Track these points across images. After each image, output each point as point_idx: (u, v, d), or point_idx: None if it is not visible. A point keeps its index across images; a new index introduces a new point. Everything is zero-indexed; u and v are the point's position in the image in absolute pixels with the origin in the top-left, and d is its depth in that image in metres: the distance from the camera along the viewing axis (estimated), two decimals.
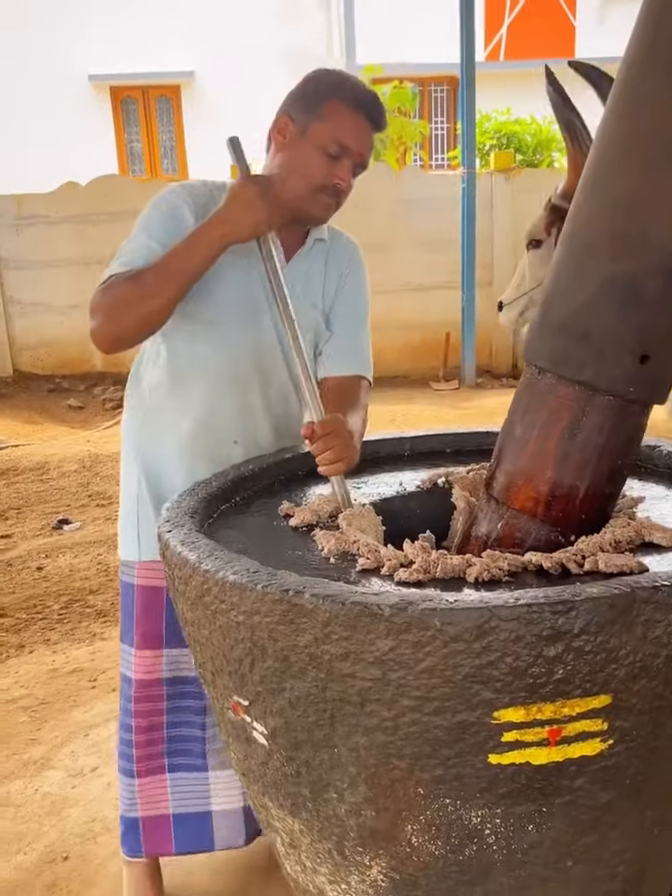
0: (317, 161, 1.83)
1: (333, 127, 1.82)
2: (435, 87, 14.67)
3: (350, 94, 1.84)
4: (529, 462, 1.48)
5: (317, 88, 1.86)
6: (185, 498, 1.66)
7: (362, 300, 2.11)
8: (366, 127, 1.86)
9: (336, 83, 1.86)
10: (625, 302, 1.37)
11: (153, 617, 2.02)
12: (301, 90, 1.88)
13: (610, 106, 1.42)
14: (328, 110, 1.83)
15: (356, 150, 1.85)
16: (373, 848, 1.35)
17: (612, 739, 1.21)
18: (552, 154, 9.96)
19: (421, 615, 1.14)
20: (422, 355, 8.59)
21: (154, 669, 2.04)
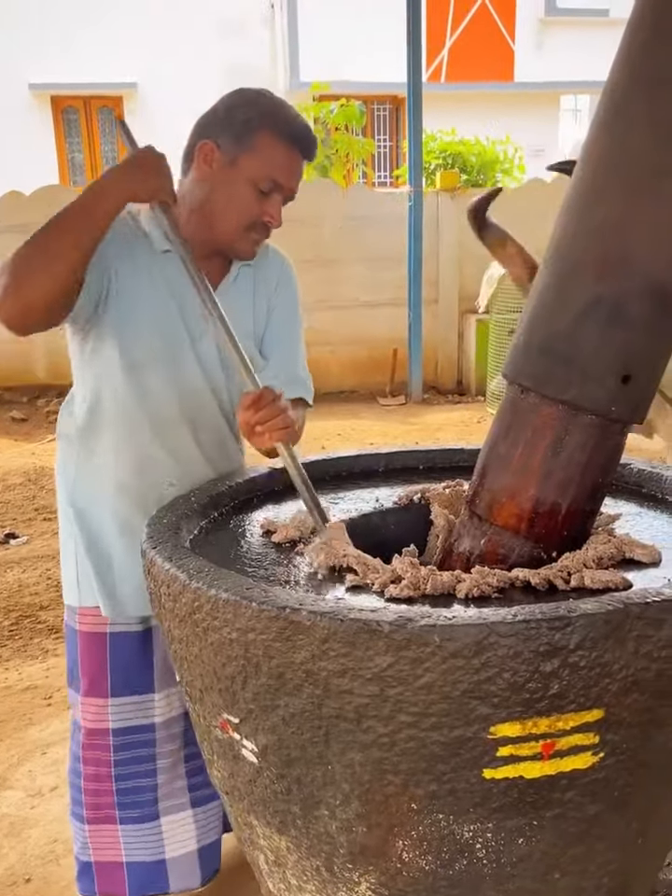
0: (248, 197, 1.74)
1: (266, 162, 1.73)
2: (378, 105, 14.81)
3: (285, 127, 1.74)
4: (512, 479, 1.50)
5: (248, 116, 1.73)
6: (165, 514, 1.65)
7: (295, 317, 2.01)
8: (299, 160, 1.78)
9: (269, 112, 1.75)
10: (609, 324, 1.40)
11: (96, 665, 1.95)
12: (229, 115, 1.75)
13: (594, 130, 1.45)
14: (260, 143, 1.72)
15: (287, 188, 1.77)
16: (363, 864, 1.35)
17: (603, 752, 1.23)
18: (496, 175, 10.13)
19: (421, 631, 1.15)
20: (369, 370, 8.63)
21: (101, 719, 1.96)
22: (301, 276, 1.91)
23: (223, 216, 1.76)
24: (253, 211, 1.75)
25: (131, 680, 1.94)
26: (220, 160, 1.74)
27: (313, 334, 8.97)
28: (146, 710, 1.96)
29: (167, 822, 2.02)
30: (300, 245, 8.45)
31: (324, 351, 8.66)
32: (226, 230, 1.77)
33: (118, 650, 1.93)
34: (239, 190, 1.74)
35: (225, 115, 1.75)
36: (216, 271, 1.86)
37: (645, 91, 1.37)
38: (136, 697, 1.95)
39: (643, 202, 1.38)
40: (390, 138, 15.08)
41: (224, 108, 1.77)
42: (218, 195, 1.76)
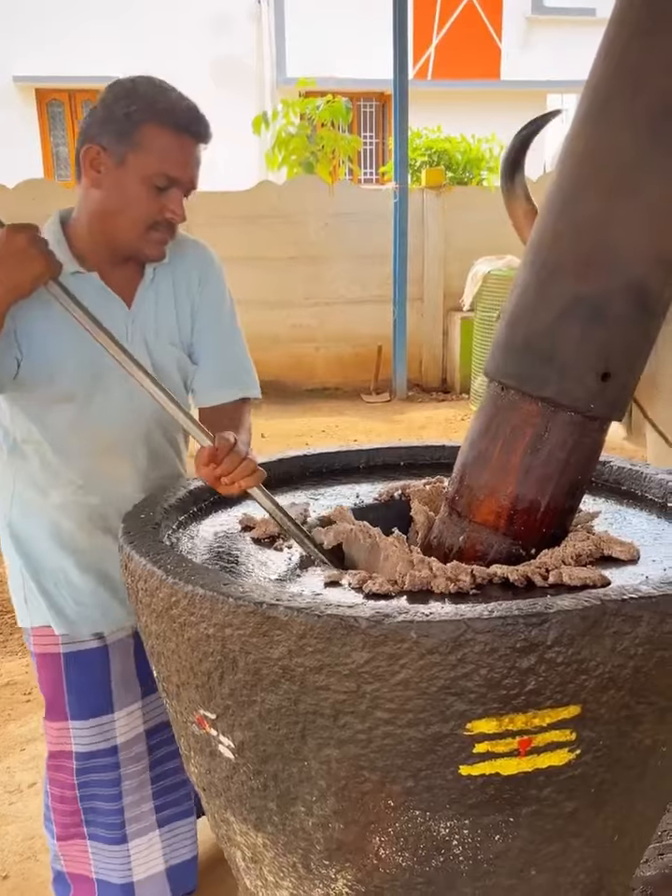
0: (144, 197, 1.63)
1: (155, 158, 1.61)
2: (364, 102, 14.80)
3: (168, 116, 1.62)
4: (492, 476, 1.50)
5: (127, 110, 1.60)
6: (143, 509, 1.64)
7: (225, 312, 1.89)
8: (192, 148, 1.66)
9: (148, 102, 1.61)
10: (589, 322, 1.40)
11: (52, 687, 1.88)
12: (108, 111, 1.62)
13: (574, 127, 1.45)
14: (146, 137, 1.60)
15: (185, 178, 1.66)
16: (340, 861, 1.35)
17: (580, 749, 1.24)
18: (481, 173, 10.14)
19: (397, 627, 1.15)
20: (354, 367, 8.63)
21: (63, 741, 1.90)
22: (285, 273, 1.88)
23: (121, 220, 1.65)
24: (151, 210, 1.64)
25: (88, 701, 1.88)
26: (107, 162, 1.62)
27: (297, 331, 8.98)
28: (106, 733, 1.90)
29: (134, 846, 1.97)
30: (284, 242, 8.50)
31: (308, 348, 8.66)
32: (127, 234, 1.67)
33: (73, 670, 1.86)
34: (132, 191, 1.63)
35: (105, 112, 1.63)
36: (129, 277, 1.76)
37: (625, 88, 1.37)
38: (96, 720, 1.89)
39: (623, 200, 1.38)
40: (376, 135, 15.07)
41: (103, 105, 1.64)
42: (112, 199, 1.64)
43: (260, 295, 8.39)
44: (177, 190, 1.65)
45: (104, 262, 1.72)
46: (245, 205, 8.23)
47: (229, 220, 8.22)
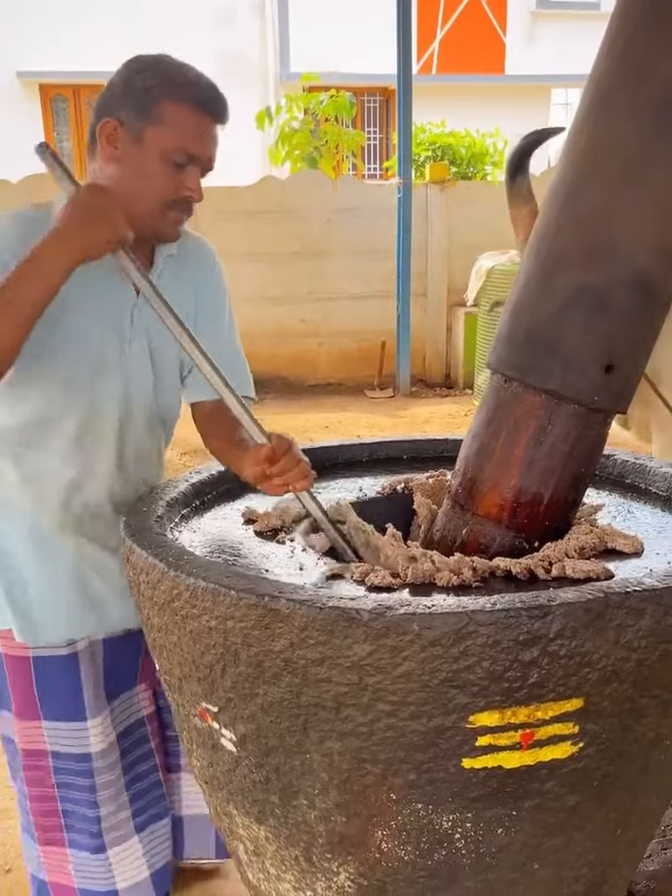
0: (162, 173, 1.58)
1: (175, 133, 1.57)
2: (368, 97, 14.77)
3: (189, 92, 1.57)
4: (495, 469, 1.50)
5: (147, 84, 1.56)
6: (146, 502, 1.64)
7: (226, 311, 1.87)
8: (210, 126, 1.62)
9: (169, 77, 1.57)
10: (593, 313, 1.39)
11: (23, 688, 1.80)
12: (127, 85, 1.57)
13: (578, 120, 1.45)
14: (165, 112, 1.55)
15: (204, 156, 1.61)
16: (342, 854, 1.34)
17: (583, 742, 1.23)
18: (485, 167, 10.11)
19: (399, 620, 1.15)
20: (357, 363, 8.61)
21: (37, 740, 1.83)
22: (288, 268, 1.84)
23: (139, 197, 1.59)
24: (170, 187, 1.59)
25: (60, 706, 1.80)
26: (125, 137, 1.57)
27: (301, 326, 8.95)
28: (80, 739, 1.82)
29: (114, 854, 1.91)
30: (287, 237, 8.48)
31: (312, 343, 8.64)
32: (144, 211, 1.60)
33: (43, 674, 1.78)
34: (151, 167, 1.57)
35: (123, 86, 1.57)
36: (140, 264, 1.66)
37: (628, 80, 1.37)
38: (68, 724, 1.81)
39: (627, 191, 1.38)
40: (380, 130, 15.04)
41: (122, 79, 1.58)
42: (130, 176, 1.58)
43: (263, 290, 8.38)
44: (195, 168, 1.61)
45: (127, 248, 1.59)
46: (249, 201, 8.22)
47: (232, 216, 8.20)
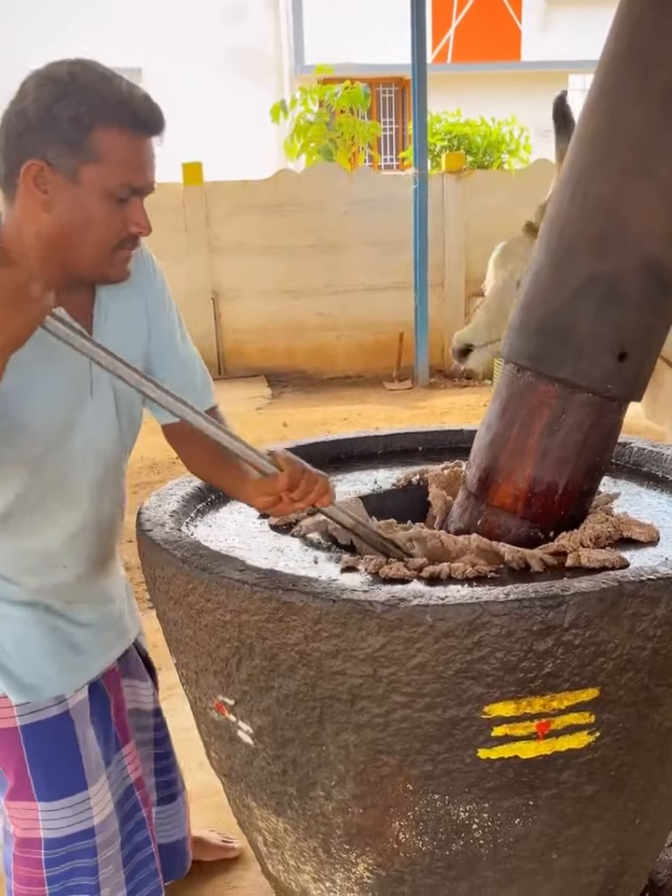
0: (106, 214, 1.37)
1: (116, 168, 1.35)
2: (383, 88, 14.71)
3: (124, 114, 1.34)
4: (509, 459, 1.49)
5: (73, 113, 1.32)
6: (163, 498, 1.65)
7: (175, 320, 1.66)
8: (150, 146, 1.40)
9: (98, 100, 1.33)
10: (605, 301, 1.39)
11: (14, 764, 1.58)
12: (49, 117, 1.32)
13: (588, 107, 1.44)
14: (101, 145, 1.33)
15: (147, 185, 1.41)
16: (360, 846, 1.35)
17: (599, 732, 1.23)
18: (501, 156, 10.04)
19: (413, 611, 1.15)
20: (375, 355, 8.59)
21: (32, 826, 1.61)
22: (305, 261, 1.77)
23: (83, 244, 1.39)
24: (116, 227, 1.39)
25: (58, 778, 1.59)
26: (55, 179, 1.34)
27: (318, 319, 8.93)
28: (81, 814, 1.61)
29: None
30: (304, 230, 8.47)
31: (329, 336, 8.64)
32: (92, 258, 1.41)
33: (35, 744, 1.57)
34: (93, 210, 1.37)
35: (44, 117, 1.33)
36: (82, 302, 1.50)
37: (638, 66, 1.36)
38: (69, 800, 1.60)
39: (638, 178, 1.37)
40: (396, 121, 14.98)
41: (40, 109, 1.33)
42: (68, 222, 1.37)
43: (280, 284, 8.39)
44: (139, 199, 1.41)
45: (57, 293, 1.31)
46: (265, 194, 8.22)
47: (248, 209, 8.21)
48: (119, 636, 1.68)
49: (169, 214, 8.19)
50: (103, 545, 1.61)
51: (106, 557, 1.64)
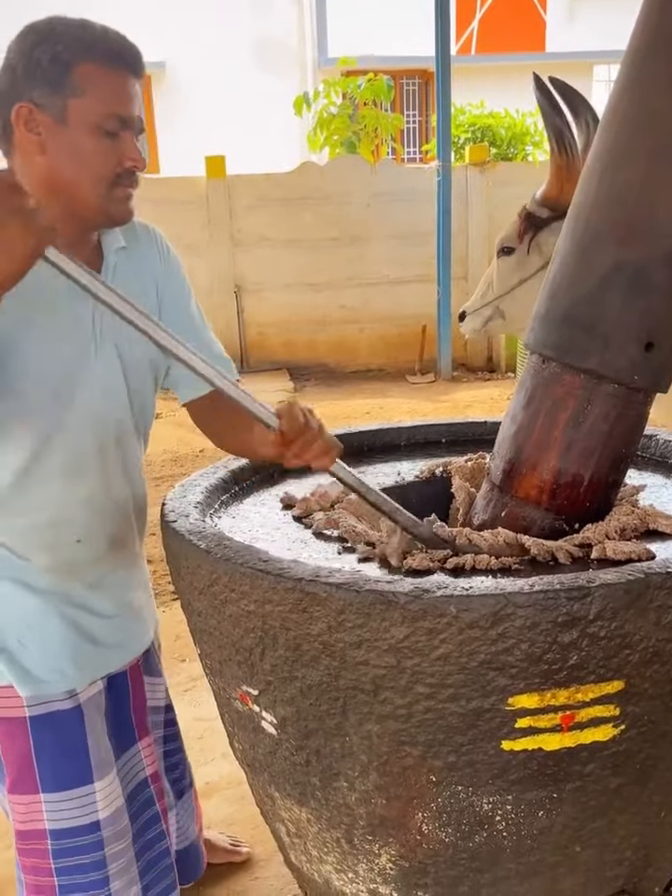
0: (98, 148, 1.39)
1: (101, 99, 1.38)
2: (407, 80, 14.66)
3: (101, 48, 1.39)
4: (534, 451, 1.48)
5: (52, 54, 1.37)
6: (188, 489, 1.65)
7: (189, 297, 1.68)
8: (132, 81, 1.43)
9: (74, 39, 1.39)
10: (631, 290, 1.37)
11: (19, 756, 1.55)
12: (28, 62, 1.37)
13: (615, 94, 1.42)
14: (83, 79, 1.37)
15: (133, 116, 1.43)
16: (383, 836, 1.35)
17: (624, 724, 1.22)
18: (526, 148, 9.98)
19: (437, 602, 1.14)
20: (398, 348, 8.58)
21: (35, 818, 1.57)
22: (328, 254, 1.78)
23: (78, 181, 1.41)
24: (110, 161, 1.41)
25: (63, 771, 1.56)
26: (45, 120, 1.37)
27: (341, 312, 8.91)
28: (86, 807, 1.58)
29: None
30: (327, 223, 8.47)
31: (352, 329, 8.63)
32: (89, 196, 1.42)
33: (42, 736, 1.54)
34: (84, 144, 1.39)
35: (25, 63, 1.37)
36: (89, 263, 1.40)
37: (665, 54, 1.34)
38: (72, 792, 1.57)
39: (666, 165, 1.35)
40: (420, 113, 14.92)
41: (20, 57, 1.38)
42: (62, 161, 1.40)
43: (303, 277, 8.39)
44: (128, 133, 1.42)
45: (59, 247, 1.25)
46: (288, 187, 8.22)
47: (271, 202, 8.21)
48: (140, 629, 1.65)
49: (192, 207, 8.22)
50: (119, 524, 1.59)
51: (125, 539, 1.61)
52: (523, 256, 3.40)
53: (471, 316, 3.81)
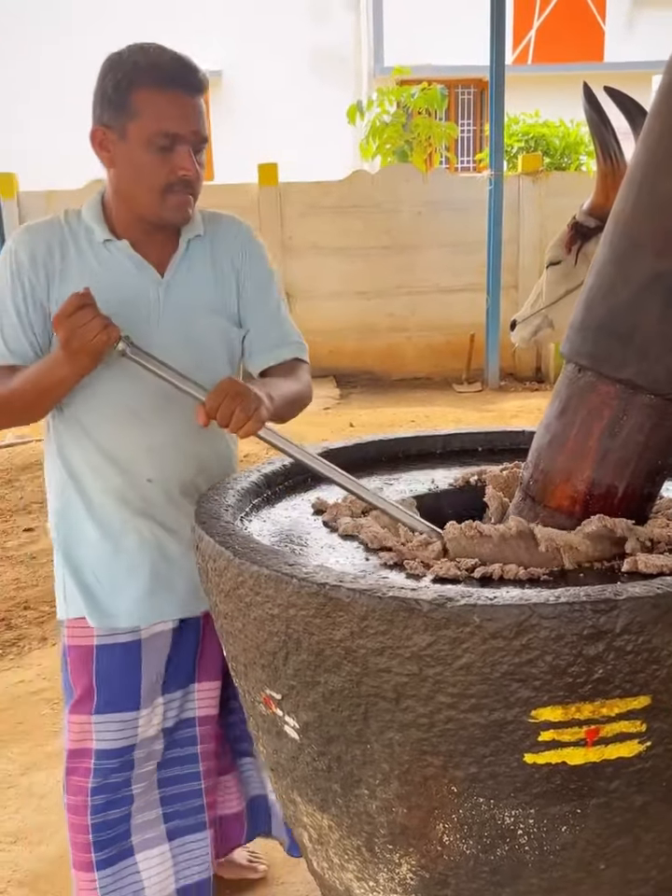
0: (150, 161, 1.62)
1: (151, 119, 1.60)
2: (462, 89, 14.62)
3: (153, 73, 1.59)
4: (568, 460, 1.46)
5: (116, 82, 1.60)
6: (219, 492, 1.66)
7: (269, 281, 1.88)
8: (184, 99, 1.62)
9: (133, 66, 1.60)
10: (669, 300, 1.35)
11: (83, 680, 1.81)
12: (101, 89, 1.63)
13: (657, 103, 1.40)
14: (137, 102, 1.59)
15: (187, 132, 1.62)
16: (404, 846, 1.34)
17: (650, 741, 1.19)
18: (580, 157, 9.89)
19: (460, 611, 1.13)
20: (445, 356, 8.55)
21: (85, 738, 1.82)
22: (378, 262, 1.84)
23: (137, 191, 1.66)
24: (161, 172, 1.63)
25: (116, 696, 1.80)
26: (112, 139, 1.64)
27: (389, 320, 8.93)
28: (129, 730, 1.82)
29: (142, 859, 1.87)
30: (377, 231, 8.48)
31: (400, 337, 8.62)
32: (146, 203, 1.66)
33: (104, 663, 1.79)
34: (138, 158, 1.62)
35: (99, 91, 1.64)
36: (163, 248, 1.75)
37: None
38: (121, 715, 1.81)
39: None
40: (474, 122, 14.87)
41: (97, 85, 1.64)
42: (125, 173, 1.66)
43: (352, 285, 8.41)
44: (183, 147, 1.63)
45: (138, 235, 1.72)
46: (339, 195, 8.25)
47: (321, 210, 8.25)
48: None
49: (243, 214, 8.17)
50: (188, 472, 1.79)
51: (196, 484, 1.79)
52: (570, 266, 3.38)
53: (521, 326, 3.82)
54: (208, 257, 1.80)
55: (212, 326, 1.78)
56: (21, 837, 2.35)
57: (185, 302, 1.75)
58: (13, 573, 4.24)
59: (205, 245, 1.80)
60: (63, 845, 2.30)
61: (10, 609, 3.84)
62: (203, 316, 1.76)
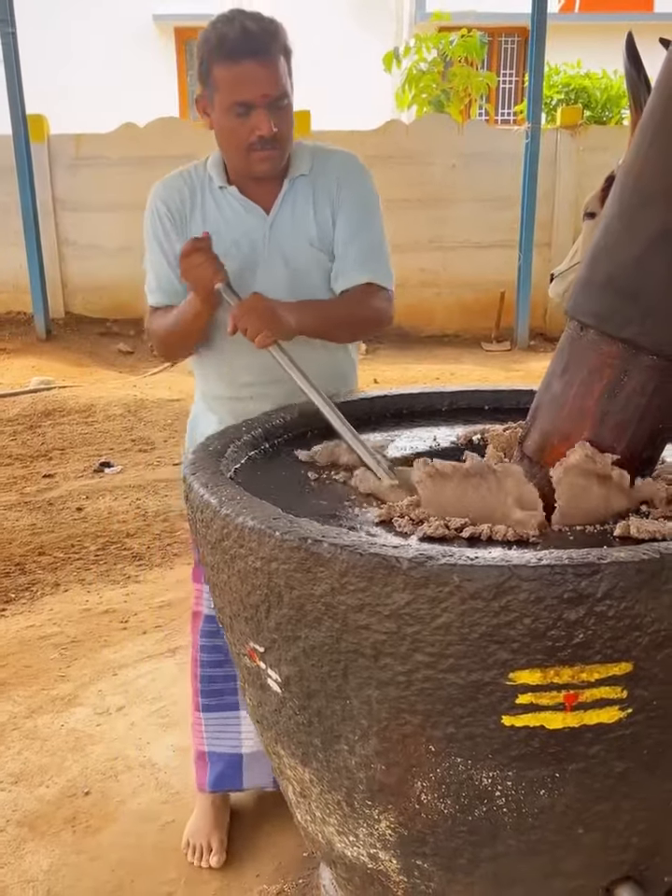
0: (231, 125, 1.85)
1: (226, 92, 1.81)
2: (505, 38, 14.28)
3: (223, 51, 1.79)
4: (566, 421, 1.43)
5: (203, 57, 1.84)
6: (212, 441, 1.64)
7: (364, 207, 2.04)
8: (253, 68, 1.80)
9: (213, 43, 1.81)
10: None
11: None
12: (198, 61, 1.87)
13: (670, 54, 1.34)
14: (216, 79, 1.82)
15: (257, 97, 1.81)
16: (382, 802, 1.33)
17: (631, 708, 1.18)
18: (621, 111, 9.64)
19: (440, 570, 1.11)
20: (475, 314, 8.44)
21: (198, 603, 2.14)
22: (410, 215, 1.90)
23: (228, 150, 1.92)
24: (243, 135, 1.84)
25: None
26: (207, 105, 1.88)
27: (419, 276, 8.82)
28: None
29: (245, 716, 2.09)
30: (409, 183, 8.34)
31: (429, 293, 8.52)
32: (236, 160, 1.91)
33: None
34: (224, 124, 1.86)
35: (197, 63, 1.87)
36: (269, 190, 1.97)
37: None
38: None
39: None
40: (517, 73, 14.53)
41: (196, 57, 1.88)
42: (219, 135, 1.90)
43: None
44: (260, 110, 1.82)
45: (246, 181, 1.96)
46: (372, 145, 8.10)
47: None
48: None
49: None
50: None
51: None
52: None
53: (557, 280, 3.79)
54: (310, 194, 1.99)
55: (311, 258, 1.98)
56: (22, 778, 2.39)
57: (287, 238, 1.96)
58: (30, 518, 4.28)
59: (308, 183, 1.99)
60: (63, 788, 2.35)
61: (25, 553, 3.88)
62: (303, 250, 1.97)
